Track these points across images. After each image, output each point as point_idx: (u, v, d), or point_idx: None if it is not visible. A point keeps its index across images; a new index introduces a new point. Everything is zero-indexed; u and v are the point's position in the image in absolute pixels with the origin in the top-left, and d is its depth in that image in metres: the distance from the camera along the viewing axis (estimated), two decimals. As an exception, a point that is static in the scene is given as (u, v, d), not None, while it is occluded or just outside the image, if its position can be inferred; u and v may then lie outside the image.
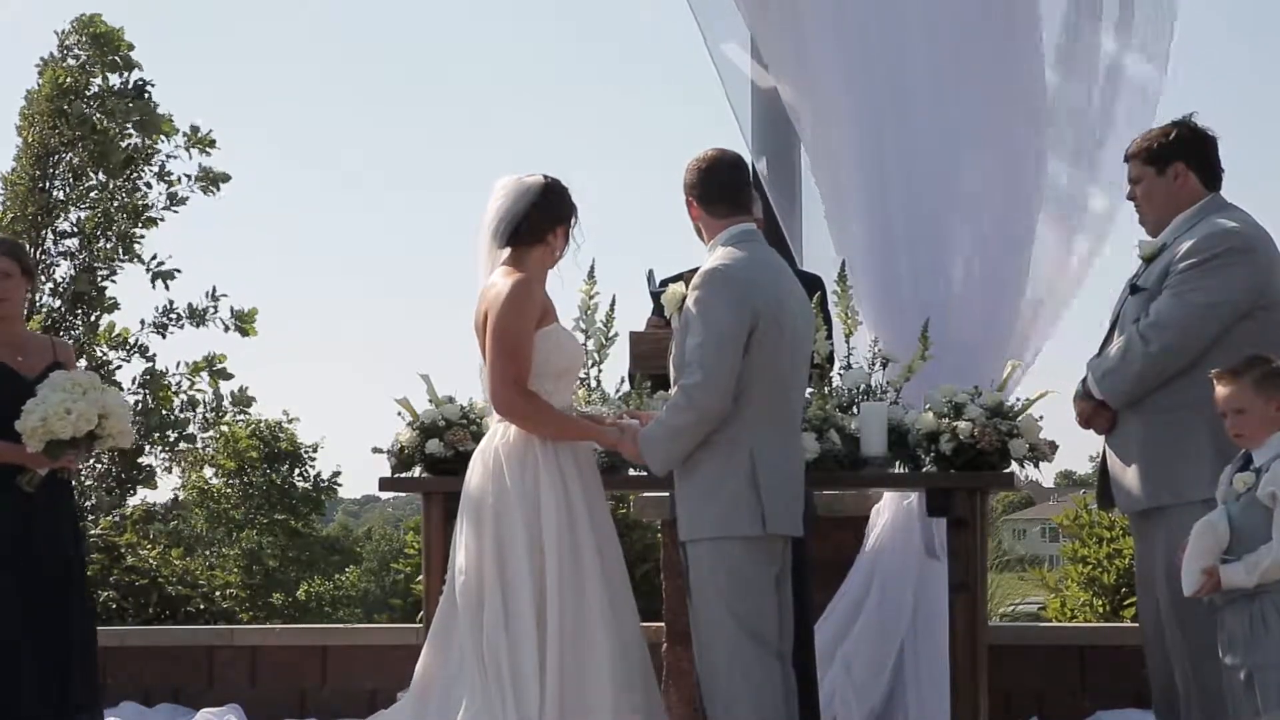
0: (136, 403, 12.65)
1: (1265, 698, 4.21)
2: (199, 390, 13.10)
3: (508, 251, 4.78)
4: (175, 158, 13.09)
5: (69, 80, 12.74)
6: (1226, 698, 4.37)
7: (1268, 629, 4.22)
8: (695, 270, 4.99)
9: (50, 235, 12.67)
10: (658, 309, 5.80)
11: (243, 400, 13.33)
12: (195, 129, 13.07)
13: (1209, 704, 4.65)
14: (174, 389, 13.00)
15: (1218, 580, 4.27)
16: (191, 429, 13.17)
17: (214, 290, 13.03)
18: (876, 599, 6.08)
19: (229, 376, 13.24)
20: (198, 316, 13.01)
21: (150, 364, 12.91)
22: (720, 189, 4.77)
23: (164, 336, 13.00)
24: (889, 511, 6.15)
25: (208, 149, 13.13)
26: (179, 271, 12.88)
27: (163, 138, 12.93)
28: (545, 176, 4.80)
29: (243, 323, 13.08)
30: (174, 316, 13.03)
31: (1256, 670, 4.24)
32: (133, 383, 12.81)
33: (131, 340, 12.84)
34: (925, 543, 6.03)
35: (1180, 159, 4.92)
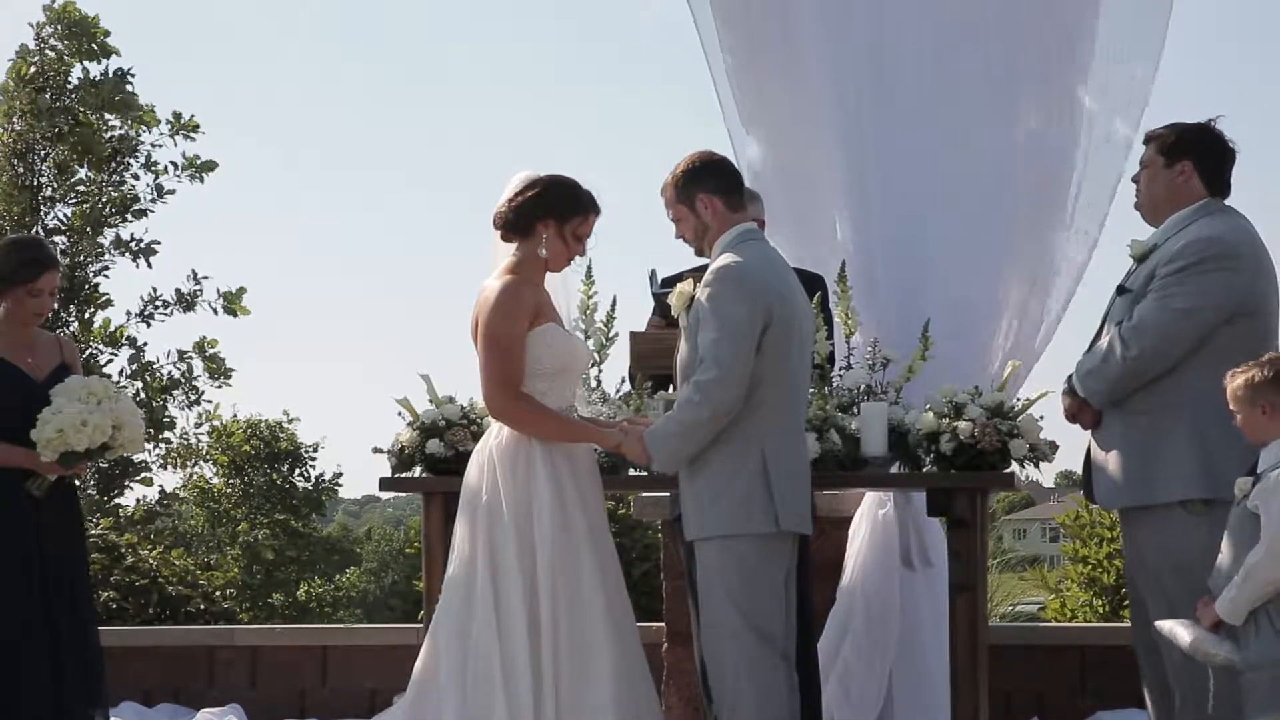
0: (133, 396, 12.63)
1: (1257, 699, 4.23)
2: (176, 365, 13.01)
3: (513, 249, 4.80)
4: (160, 146, 13.05)
5: (38, 71, 12.68)
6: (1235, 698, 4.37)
7: (1258, 631, 4.23)
8: (697, 270, 4.99)
9: (39, 232, 12.63)
10: (659, 309, 5.80)
11: (221, 372, 13.19)
12: (178, 115, 13.03)
13: (1206, 704, 4.65)
14: (161, 376, 12.96)
15: (1213, 619, 4.29)
16: (172, 410, 13.09)
17: (195, 273, 12.97)
18: (862, 615, 6.08)
19: (220, 361, 13.17)
20: (185, 301, 12.94)
21: (139, 352, 12.86)
22: (735, 179, 4.84)
23: (149, 325, 12.94)
24: (866, 523, 6.14)
25: (191, 134, 13.07)
26: (159, 243, 12.82)
27: (144, 127, 12.89)
28: (557, 175, 4.82)
29: (230, 303, 13.01)
30: (161, 304, 12.97)
31: (1248, 671, 4.25)
32: (120, 374, 12.77)
33: (116, 332, 12.78)
34: (902, 553, 6.03)
35: (1190, 158, 4.92)
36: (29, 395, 5.29)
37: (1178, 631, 4.42)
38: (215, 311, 13.00)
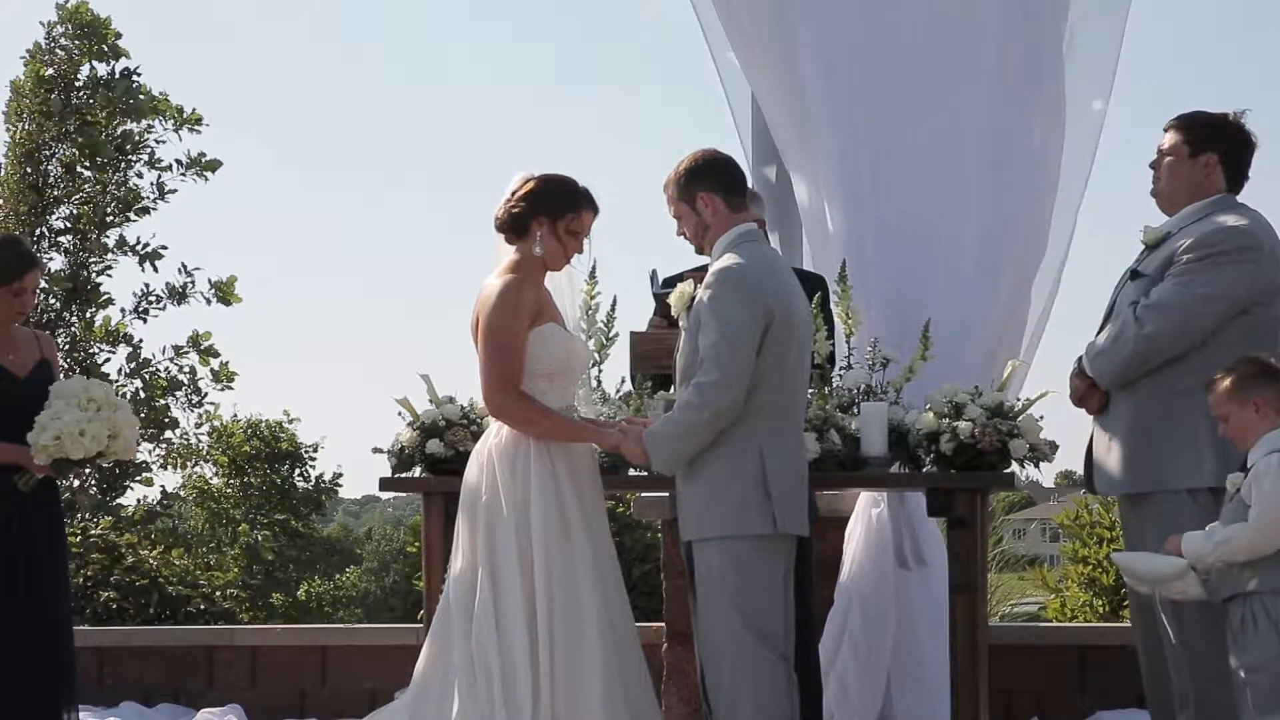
0: (131, 394, 12.60)
1: (1256, 700, 4.22)
2: (178, 365, 13.00)
3: (513, 249, 4.81)
4: (164, 142, 13.05)
5: (51, 72, 12.68)
6: (1235, 698, 4.37)
7: (1256, 629, 4.24)
8: (698, 270, 4.99)
9: (45, 232, 12.64)
10: (660, 309, 5.80)
11: (225, 375, 13.19)
12: (180, 109, 13.03)
13: (1207, 703, 4.65)
14: (162, 375, 12.94)
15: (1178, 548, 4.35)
16: (175, 412, 13.09)
17: (185, 266, 12.96)
18: (859, 616, 6.08)
19: (216, 354, 13.15)
20: (178, 295, 12.93)
21: (136, 350, 12.84)
22: (737, 179, 4.83)
23: (145, 321, 12.93)
24: (861, 523, 6.14)
25: (196, 127, 13.07)
26: (165, 249, 12.83)
27: (157, 119, 12.89)
28: (551, 174, 4.82)
29: (223, 292, 12.99)
30: (155, 299, 12.95)
31: (1247, 672, 4.25)
32: (118, 373, 12.75)
33: (116, 330, 12.77)
34: (896, 553, 6.03)
35: (1216, 151, 4.92)
36: (11, 392, 5.31)
37: (1136, 565, 4.46)
38: (208, 302, 13.00)
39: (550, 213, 4.77)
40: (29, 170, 12.56)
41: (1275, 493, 4.18)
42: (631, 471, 5.30)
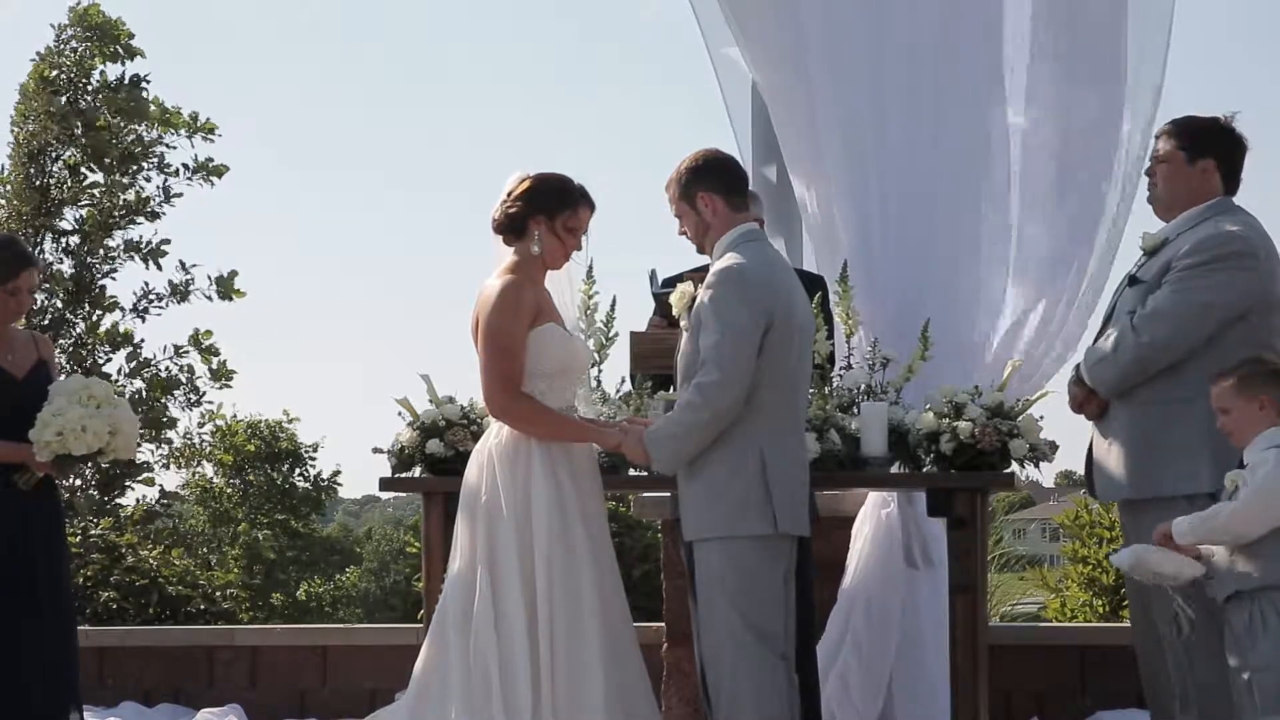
0: (132, 394, 12.59)
1: (1264, 700, 4.22)
2: (178, 364, 12.98)
3: (510, 250, 4.81)
4: (174, 148, 13.04)
5: (61, 75, 12.67)
6: (1234, 698, 4.37)
7: (1266, 629, 4.23)
8: (698, 270, 4.99)
9: (49, 235, 12.63)
10: (660, 309, 5.80)
11: (223, 374, 13.16)
12: (195, 116, 13.02)
13: (1208, 703, 4.65)
14: (161, 375, 12.92)
15: (1166, 534, 4.37)
16: (173, 411, 13.07)
17: (183, 263, 12.93)
18: (863, 616, 6.08)
19: (216, 352, 13.13)
20: (179, 292, 12.90)
21: (136, 350, 12.82)
22: (738, 179, 4.83)
23: (144, 320, 12.91)
24: (869, 523, 6.14)
25: (209, 135, 13.07)
26: (169, 243, 12.80)
27: (170, 129, 12.88)
28: (544, 173, 4.83)
29: (223, 288, 12.96)
30: (155, 297, 12.93)
31: (1254, 672, 4.24)
32: (118, 373, 12.73)
33: (124, 333, 12.75)
34: (905, 553, 6.03)
35: (1213, 156, 4.93)
36: (10, 392, 5.31)
37: (1120, 562, 4.47)
38: (210, 299, 12.97)
39: (547, 211, 4.78)
40: (33, 171, 12.55)
41: (1268, 481, 4.19)
42: (632, 471, 5.30)
